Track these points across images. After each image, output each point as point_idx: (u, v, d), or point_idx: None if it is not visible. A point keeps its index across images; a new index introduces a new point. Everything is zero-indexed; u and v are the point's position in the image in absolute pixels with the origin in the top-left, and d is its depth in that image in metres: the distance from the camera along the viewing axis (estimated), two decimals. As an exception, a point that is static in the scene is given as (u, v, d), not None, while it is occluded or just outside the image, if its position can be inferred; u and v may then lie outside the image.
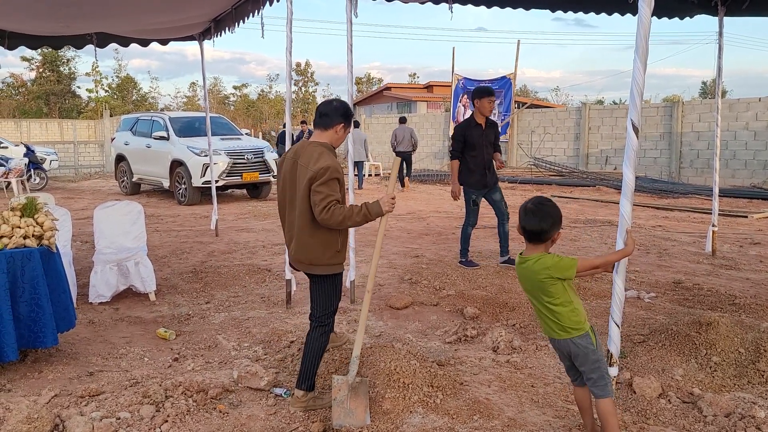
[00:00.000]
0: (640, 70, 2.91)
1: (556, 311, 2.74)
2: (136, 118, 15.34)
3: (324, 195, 3.08)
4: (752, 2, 6.18)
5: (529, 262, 2.77)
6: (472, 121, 6.27)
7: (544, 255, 2.76)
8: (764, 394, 3.43)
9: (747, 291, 5.55)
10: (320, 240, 3.24)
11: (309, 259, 3.29)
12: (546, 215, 2.76)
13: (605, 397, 2.76)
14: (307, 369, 3.37)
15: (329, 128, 3.31)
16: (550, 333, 2.84)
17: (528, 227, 2.76)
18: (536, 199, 2.84)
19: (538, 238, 2.77)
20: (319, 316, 3.39)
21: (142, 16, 6.16)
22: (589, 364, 2.77)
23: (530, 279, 2.78)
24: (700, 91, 45.24)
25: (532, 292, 2.83)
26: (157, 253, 7.51)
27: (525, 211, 2.79)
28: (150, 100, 48.19)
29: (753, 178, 14.23)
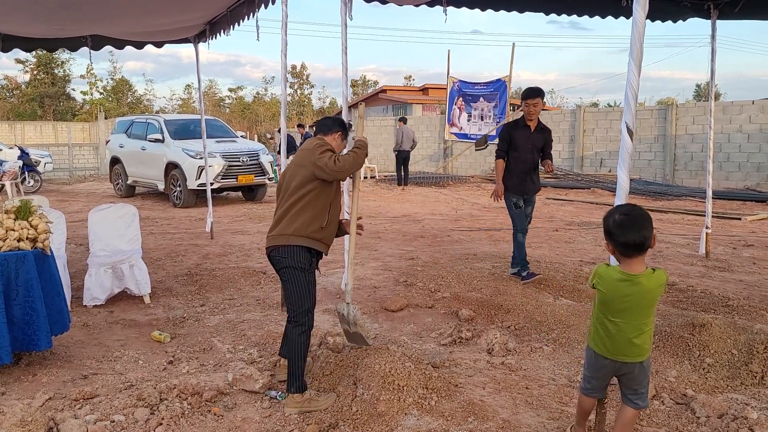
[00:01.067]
0: (635, 73, 2.93)
1: (647, 331, 2.59)
2: (131, 120, 15.32)
3: (329, 155, 3.44)
4: (744, 5, 6.22)
5: (642, 280, 2.53)
6: (521, 122, 5.90)
7: (656, 270, 2.59)
8: (757, 395, 3.45)
9: (740, 293, 5.58)
10: (311, 213, 3.44)
11: (293, 229, 3.42)
12: (644, 221, 2.53)
13: (645, 408, 2.77)
14: (294, 371, 3.39)
15: (328, 134, 3.68)
16: (623, 356, 2.61)
17: (631, 241, 2.50)
18: (624, 209, 2.61)
19: (641, 249, 2.53)
20: (294, 315, 3.46)
21: (138, 19, 6.16)
22: (643, 381, 2.66)
23: (644, 299, 2.55)
24: (694, 94, 45.41)
25: (634, 313, 2.57)
26: (152, 255, 7.49)
27: (619, 225, 2.53)
28: (145, 102, 48.07)
29: (746, 180, 14.30)
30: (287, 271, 3.47)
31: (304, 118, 43.57)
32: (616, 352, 2.62)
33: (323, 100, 56.13)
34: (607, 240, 2.61)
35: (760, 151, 14.11)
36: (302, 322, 3.44)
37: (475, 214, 11.44)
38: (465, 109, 20.27)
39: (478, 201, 13.62)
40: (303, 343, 3.43)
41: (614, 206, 2.69)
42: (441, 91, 25.09)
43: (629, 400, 2.71)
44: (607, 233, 2.59)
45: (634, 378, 2.65)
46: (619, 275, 2.57)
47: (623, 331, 2.58)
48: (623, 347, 2.60)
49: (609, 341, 2.63)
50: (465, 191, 15.83)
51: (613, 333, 2.61)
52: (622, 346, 2.60)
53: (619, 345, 2.60)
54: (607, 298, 2.62)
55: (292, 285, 3.47)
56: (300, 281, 3.45)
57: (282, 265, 3.48)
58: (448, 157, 21.53)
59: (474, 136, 19.39)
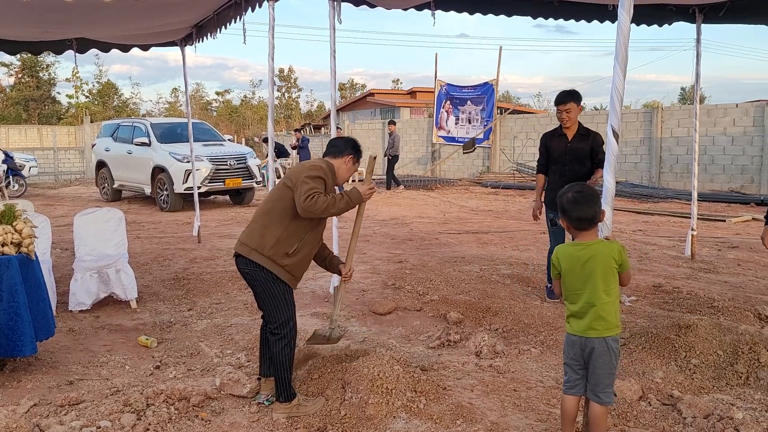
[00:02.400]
0: (620, 77, 2.95)
1: (609, 302, 2.70)
2: (117, 124, 15.22)
3: (310, 186, 3.15)
4: (729, 9, 6.29)
5: (594, 247, 2.72)
6: (557, 131, 5.35)
7: (610, 240, 2.79)
8: (742, 395, 3.48)
9: (725, 294, 5.63)
10: (277, 233, 3.23)
11: (257, 244, 3.24)
12: (593, 197, 2.76)
13: (608, 405, 2.76)
14: (281, 382, 3.33)
15: (339, 157, 3.44)
16: (589, 330, 2.71)
17: (583, 215, 2.73)
18: (575, 187, 2.82)
19: (591, 223, 2.75)
20: (274, 327, 3.31)
21: (124, 22, 6.12)
22: (607, 369, 2.72)
23: (598, 264, 2.70)
24: (679, 97, 45.85)
25: (591, 280, 2.71)
26: (139, 260, 7.44)
27: (571, 202, 2.76)
28: (131, 106, 47.79)
29: (731, 182, 14.45)
30: (256, 284, 3.30)
31: (292, 121, 43.51)
32: (586, 328, 2.73)
33: (311, 103, 56.11)
34: (563, 217, 2.82)
35: (744, 154, 14.26)
36: (283, 334, 3.28)
37: (463, 217, 11.47)
38: (453, 112, 20.35)
39: (466, 204, 13.65)
40: (287, 355, 3.30)
41: (566, 186, 2.87)
42: (429, 94, 25.16)
43: (593, 395, 2.75)
44: (562, 210, 2.80)
45: (599, 358, 2.71)
46: (574, 246, 2.81)
47: (590, 302, 2.72)
48: (591, 321, 2.71)
49: (575, 319, 2.77)
50: (453, 194, 15.87)
51: (581, 309, 2.74)
52: (590, 321, 2.72)
53: (588, 320, 2.72)
54: (566, 271, 2.80)
55: (266, 296, 3.29)
56: (273, 292, 3.27)
57: (249, 277, 3.31)
58: (436, 160, 21.57)
59: (462, 140, 19.48)
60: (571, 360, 2.81)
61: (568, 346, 2.83)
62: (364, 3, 5.41)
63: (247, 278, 3.33)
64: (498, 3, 5.93)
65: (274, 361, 3.33)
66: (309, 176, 3.19)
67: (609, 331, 2.71)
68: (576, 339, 2.77)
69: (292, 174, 3.30)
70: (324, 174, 3.26)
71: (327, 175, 3.29)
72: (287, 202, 3.23)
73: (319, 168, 3.28)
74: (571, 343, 2.80)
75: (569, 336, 2.81)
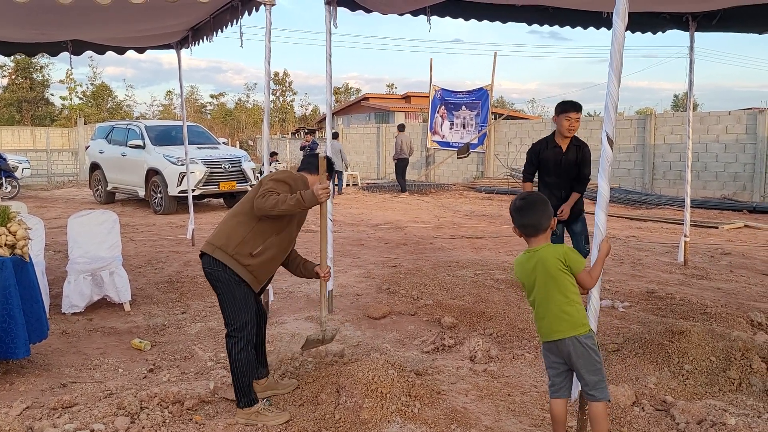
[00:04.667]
0: (615, 84, 2.96)
1: (567, 303, 2.72)
2: (111, 126, 15.18)
3: (268, 187, 3.23)
4: (722, 18, 6.35)
5: (540, 252, 2.78)
6: (551, 141, 5.33)
7: (556, 244, 2.82)
8: (735, 401, 3.50)
9: (718, 300, 5.66)
10: (243, 233, 3.27)
11: (222, 242, 3.27)
12: (536, 205, 2.83)
13: (603, 400, 2.76)
14: (238, 387, 3.32)
15: (315, 173, 3.48)
16: (554, 332, 2.75)
17: (526, 222, 2.81)
18: (521, 196, 2.91)
19: (536, 231, 2.80)
20: (230, 329, 3.30)
21: (120, 24, 6.11)
22: (590, 365, 2.73)
23: (543, 267, 2.74)
24: (673, 104, 46.13)
25: (542, 284, 2.76)
26: (133, 262, 7.42)
27: (516, 210, 2.84)
28: (125, 108, 47.70)
29: (724, 189, 14.53)
30: (217, 284, 3.29)
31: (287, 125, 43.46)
32: (550, 332, 2.77)
33: (305, 107, 56.14)
34: (513, 222, 2.89)
35: (736, 161, 14.36)
36: (240, 337, 3.27)
37: (458, 222, 11.49)
38: (447, 117, 20.40)
39: (460, 209, 13.68)
40: (244, 359, 3.28)
41: (517, 194, 2.97)
42: (423, 99, 25.20)
43: (587, 393, 2.77)
44: (511, 217, 2.89)
45: (580, 360, 2.72)
46: (525, 254, 2.88)
47: (543, 306, 2.77)
48: (552, 323, 2.76)
49: (541, 324, 2.82)
50: (447, 199, 15.89)
51: (539, 312, 2.81)
52: (551, 323, 2.76)
53: (548, 323, 2.77)
54: (522, 280, 2.88)
55: (225, 297, 3.28)
56: (233, 292, 3.26)
57: (211, 277, 3.30)
58: (431, 165, 21.61)
59: (456, 145, 19.53)
60: (552, 363, 2.86)
61: (546, 353, 2.88)
62: (360, 8, 5.42)
63: (210, 278, 3.33)
64: (492, 9, 5.96)
65: (231, 365, 3.32)
66: (274, 179, 3.29)
67: (574, 330, 2.72)
68: (550, 345, 2.81)
69: (263, 178, 3.40)
70: (292, 180, 3.34)
71: (295, 181, 3.35)
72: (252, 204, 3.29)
73: (289, 175, 3.37)
74: (548, 349, 2.85)
75: (545, 344, 2.85)
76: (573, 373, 2.83)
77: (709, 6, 6.13)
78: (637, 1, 5.39)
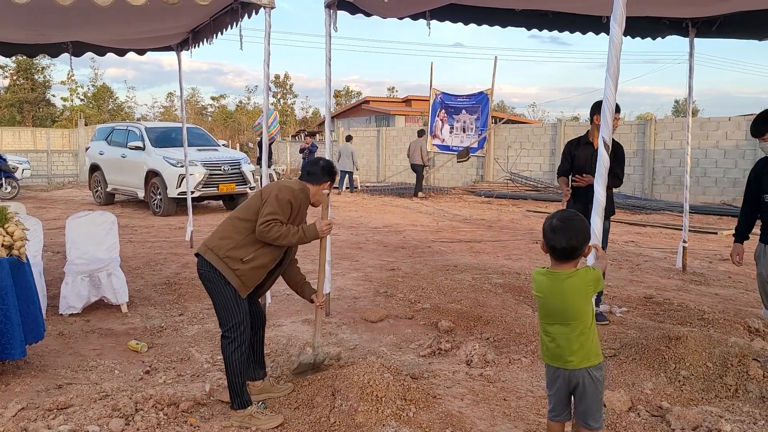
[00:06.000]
0: (612, 89, 2.97)
1: (584, 333, 2.58)
2: (112, 127, 15.20)
3: (272, 210, 3.25)
4: (721, 24, 6.36)
5: (571, 278, 2.57)
6: (583, 139, 5.34)
7: (584, 267, 2.62)
8: (731, 407, 3.49)
9: (716, 306, 5.66)
10: (236, 239, 3.29)
11: (215, 245, 3.30)
12: (576, 231, 2.57)
13: (599, 430, 2.68)
14: (233, 388, 3.33)
15: (316, 184, 3.53)
16: (568, 362, 2.61)
17: (558, 246, 2.57)
18: (562, 215, 2.64)
19: (568, 257, 2.59)
20: (224, 330, 3.33)
21: (120, 26, 6.12)
22: (596, 397, 2.63)
23: (573, 295, 2.58)
24: (673, 110, 46.16)
25: (567, 311, 2.60)
26: (131, 264, 7.42)
27: (552, 229, 2.59)
28: (126, 109, 47.71)
29: (723, 195, 14.53)
30: (210, 285, 3.32)
31: (287, 128, 43.48)
32: (563, 359, 2.63)
33: (306, 110, 56.15)
34: (544, 239, 2.67)
35: (736, 167, 14.36)
36: (233, 337, 3.29)
37: (456, 226, 11.49)
38: (447, 121, 20.40)
39: (459, 212, 13.68)
40: (238, 359, 3.30)
41: (558, 210, 2.74)
42: (424, 102, 25.21)
43: (583, 422, 2.67)
44: (543, 234, 2.66)
45: (584, 391, 2.62)
46: (547, 273, 2.66)
47: (563, 334, 2.61)
48: (567, 352, 2.61)
49: (554, 348, 2.65)
50: (446, 203, 15.90)
51: (555, 338, 2.63)
52: (566, 351, 2.61)
53: (563, 350, 2.62)
54: (541, 300, 2.68)
55: (217, 298, 3.31)
56: (225, 294, 3.29)
57: (203, 277, 3.34)
58: (430, 169, 21.61)
59: (456, 148, 19.53)
60: (555, 391, 2.73)
61: (551, 379, 2.73)
62: (359, 11, 5.43)
63: (203, 279, 3.36)
64: (492, 14, 5.97)
65: (225, 366, 3.34)
66: (278, 197, 3.29)
67: (588, 361, 2.60)
68: (559, 372, 2.66)
69: (266, 188, 3.41)
70: (294, 198, 3.35)
71: (297, 199, 3.37)
72: (253, 213, 3.31)
73: (291, 191, 3.36)
74: (554, 378, 2.70)
75: (551, 368, 2.71)
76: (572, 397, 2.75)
77: (709, 12, 6.14)
78: (635, 7, 5.39)
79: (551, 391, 2.76)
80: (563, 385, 2.68)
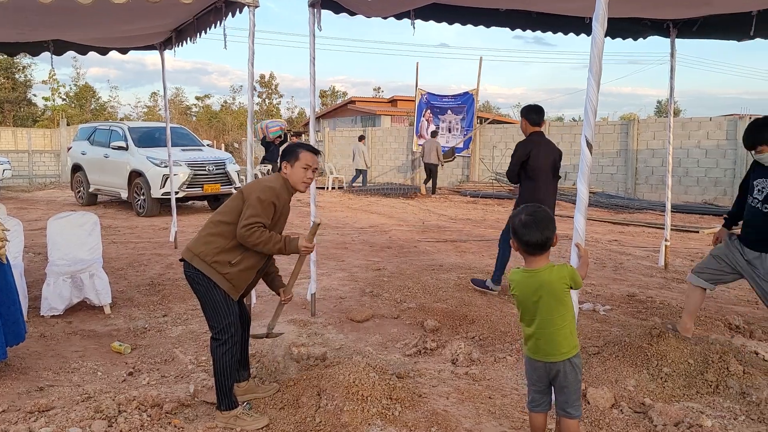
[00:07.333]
0: (594, 88, 3.00)
1: (565, 327, 2.64)
2: (94, 127, 15.05)
3: (254, 212, 3.19)
4: (702, 25, 6.43)
5: (543, 274, 2.64)
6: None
7: (559, 264, 2.67)
8: (712, 403, 3.53)
9: (697, 304, 5.71)
10: (222, 243, 3.25)
11: (200, 250, 3.25)
12: (546, 221, 2.66)
13: (578, 418, 2.73)
14: (221, 389, 3.30)
15: (294, 160, 3.40)
16: (549, 355, 2.67)
17: (533, 240, 2.63)
18: (528, 209, 2.70)
19: (543, 248, 2.66)
20: (214, 332, 3.30)
21: (102, 25, 6.06)
22: (575, 385, 2.69)
23: (550, 291, 2.63)
24: (656, 110, 46.67)
25: (546, 307, 2.64)
26: (114, 265, 7.35)
27: (524, 225, 2.64)
28: (109, 109, 47.29)
29: (704, 194, 14.71)
30: (198, 288, 3.28)
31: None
32: (544, 353, 2.68)
33: (292, 110, 56.05)
34: (513, 237, 2.71)
35: (717, 167, 14.54)
36: (224, 339, 3.27)
37: (442, 226, 11.51)
38: (433, 121, 20.44)
39: (445, 212, 13.71)
40: (228, 361, 3.28)
41: (521, 206, 2.77)
42: (409, 102, 25.26)
43: (563, 411, 2.72)
44: (513, 232, 2.69)
45: (565, 379, 2.67)
46: (523, 273, 2.71)
47: (543, 329, 2.66)
48: (548, 346, 2.67)
49: (534, 343, 2.70)
50: (432, 202, 15.93)
51: (536, 333, 2.68)
52: (547, 346, 2.67)
53: (544, 344, 2.68)
54: (520, 300, 2.73)
55: (206, 300, 3.28)
56: (214, 296, 3.26)
57: (192, 281, 3.30)
58: (416, 169, 21.64)
59: (442, 149, 19.57)
60: (535, 381, 2.77)
61: (531, 369, 2.78)
62: (344, 10, 5.43)
63: (191, 282, 3.32)
64: (476, 14, 5.99)
65: (214, 367, 3.31)
66: (260, 198, 3.22)
67: (569, 353, 2.67)
68: (540, 364, 2.72)
69: (246, 189, 3.34)
70: (275, 197, 3.28)
71: (278, 196, 3.31)
72: (236, 215, 3.25)
73: (274, 191, 3.29)
74: (534, 368, 2.76)
75: (531, 360, 2.75)
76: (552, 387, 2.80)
77: (689, 13, 6.21)
78: (617, 7, 5.44)
79: (531, 383, 2.81)
80: (544, 375, 2.74)
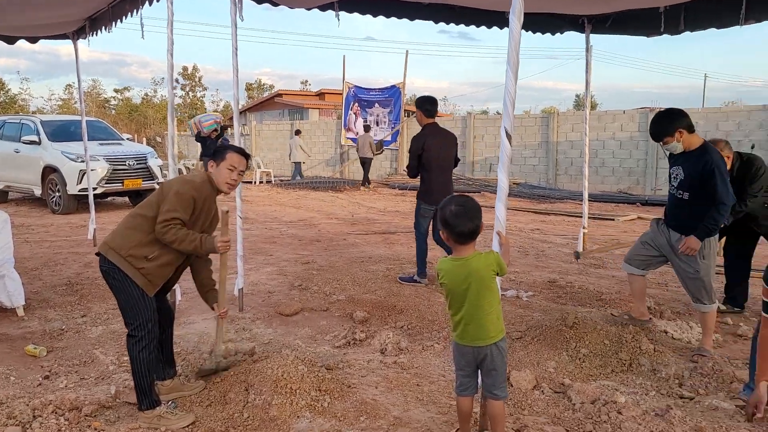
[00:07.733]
0: (512, 81, 3.08)
1: (492, 311, 2.71)
2: (3, 121, 14.18)
3: (171, 207, 3.15)
4: (614, 21, 6.71)
5: (472, 262, 2.71)
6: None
7: (485, 252, 2.75)
8: (625, 381, 3.74)
9: (612, 288, 6.02)
10: (139, 236, 3.18)
11: (116, 243, 3.18)
12: (474, 210, 2.74)
13: (504, 398, 2.82)
14: (141, 388, 3.22)
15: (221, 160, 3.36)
16: (478, 340, 2.74)
17: (465, 229, 2.69)
18: (456, 200, 2.77)
19: (473, 237, 2.73)
20: (131, 329, 3.22)
21: (8, 12, 5.73)
22: (501, 367, 2.76)
23: (478, 278, 2.70)
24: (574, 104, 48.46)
25: (475, 294, 2.71)
26: (27, 265, 6.99)
27: (455, 215, 2.71)
28: (20, 102, 44.67)
29: (619, 184, 15.44)
30: (114, 283, 3.19)
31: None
32: (472, 337, 2.75)
33: (217, 103, 54.70)
34: (443, 229, 2.76)
35: (630, 157, 15.28)
36: (141, 336, 3.18)
37: (371, 218, 11.57)
38: (361, 114, 20.48)
39: (374, 205, 13.78)
40: (145, 358, 3.19)
41: (448, 197, 2.83)
42: (337, 96, 25.17)
43: (489, 393, 2.81)
44: (444, 223, 2.74)
45: (492, 362, 2.75)
46: (452, 261, 2.78)
47: (472, 315, 2.73)
48: (477, 331, 2.74)
49: (463, 328, 2.77)
50: (361, 195, 15.97)
51: (464, 319, 2.75)
52: (475, 331, 2.74)
53: (473, 330, 2.74)
54: (450, 288, 2.78)
55: (122, 297, 3.20)
56: (129, 292, 3.17)
57: (107, 276, 3.21)
58: (345, 162, 21.63)
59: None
60: (463, 366, 2.84)
61: (459, 355, 2.84)
62: (266, 1, 5.34)
63: (106, 277, 3.22)
64: (400, 6, 6.02)
65: (131, 366, 3.22)
66: (179, 193, 3.18)
67: (496, 337, 2.75)
68: (468, 349, 2.78)
69: (167, 183, 3.29)
70: (196, 192, 3.24)
71: (199, 192, 3.26)
72: (155, 209, 3.19)
73: (193, 185, 3.25)
74: (462, 353, 2.82)
75: (460, 346, 2.81)
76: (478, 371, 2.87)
77: (601, 9, 6.47)
78: (534, 2, 5.61)
79: (458, 367, 2.87)
80: (472, 360, 2.80)
